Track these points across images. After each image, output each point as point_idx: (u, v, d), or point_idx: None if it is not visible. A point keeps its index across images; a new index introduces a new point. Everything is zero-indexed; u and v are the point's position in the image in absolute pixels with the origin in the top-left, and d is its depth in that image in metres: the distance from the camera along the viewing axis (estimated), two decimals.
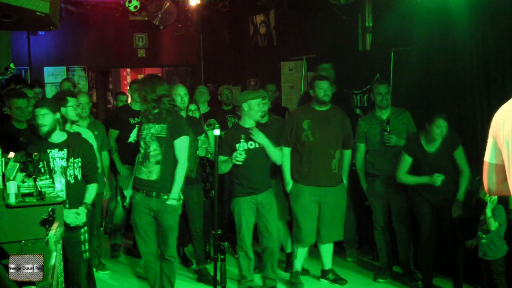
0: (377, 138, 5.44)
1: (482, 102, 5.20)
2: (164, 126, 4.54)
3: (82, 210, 4.28)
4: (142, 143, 4.61)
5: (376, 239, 5.60)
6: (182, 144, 4.55)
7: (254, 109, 5.04)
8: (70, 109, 4.73)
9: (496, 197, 4.48)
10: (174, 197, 4.51)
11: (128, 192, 4.76)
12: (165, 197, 4.53)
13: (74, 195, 4.30)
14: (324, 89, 5.20)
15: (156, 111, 4.53)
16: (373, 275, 5.59)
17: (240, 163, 4.94)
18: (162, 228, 4.61)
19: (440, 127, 4.89)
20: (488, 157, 2.26)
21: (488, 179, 2.30)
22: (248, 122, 5.10)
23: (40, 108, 4.24)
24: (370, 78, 6.37)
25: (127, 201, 4.75)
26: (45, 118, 4.22)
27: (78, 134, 4.67)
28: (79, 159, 4.33)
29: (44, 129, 4.23)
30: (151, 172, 4.55)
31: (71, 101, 4.78)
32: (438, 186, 4.91)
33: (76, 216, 4.23)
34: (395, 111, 5.49)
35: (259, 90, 5.72)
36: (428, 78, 5.71)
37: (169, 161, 4.53)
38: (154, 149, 4.53)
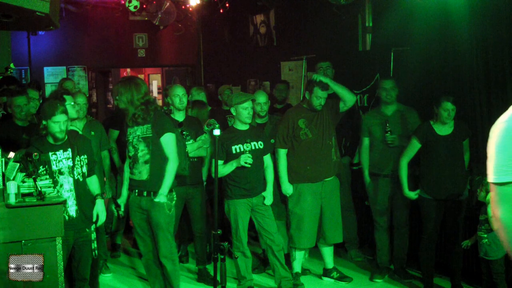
0: (378, 135, 5.42)
1: (482, 102, 5.19)
2: (148, 126, 4.49)
3: (101, 203, 4.43)
4: (130, 147, 4.56)
5: (377, 239, 5.56)
6: (168, 141, 4.49)
7: (242, 114, 5.04)
8: (69, 107, 4.72)
9: None
10: (162, 193, 4.45)
11: (121, 200, 4.73)
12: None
13: (84, 192, 4.35)
14: (321, 99, 5.18)
15: (141, 113, 4.45)
16: (370, 275, 5.58)
17: (249, 165, 4.95)
18: (152, 227, 4.58)
19: (447, 110, 4.84)
20: None
21: None
22: (240, 125, 5.11)
23: (62, 114, 4.20)
24: (370, 78, 6.36)
25: (122, 209, 4.73)
26: (65, 125, 4.21)
27: (75, 132, 4.73)
28: (85, 156, 4.37)
29: (62, 135, 4.22)
30: (141, 172, 4.51)
31: (69, 99, 4.80)
32: (444, 179, 4.88)
33: (103, 211, 4.43)
34: (402, 108, 5.44)
35: (247, 93, 5.69)
36: (428, 78, 5.70)
37: (157, 160, 4.48)
38: (142, 149, 4.49)
